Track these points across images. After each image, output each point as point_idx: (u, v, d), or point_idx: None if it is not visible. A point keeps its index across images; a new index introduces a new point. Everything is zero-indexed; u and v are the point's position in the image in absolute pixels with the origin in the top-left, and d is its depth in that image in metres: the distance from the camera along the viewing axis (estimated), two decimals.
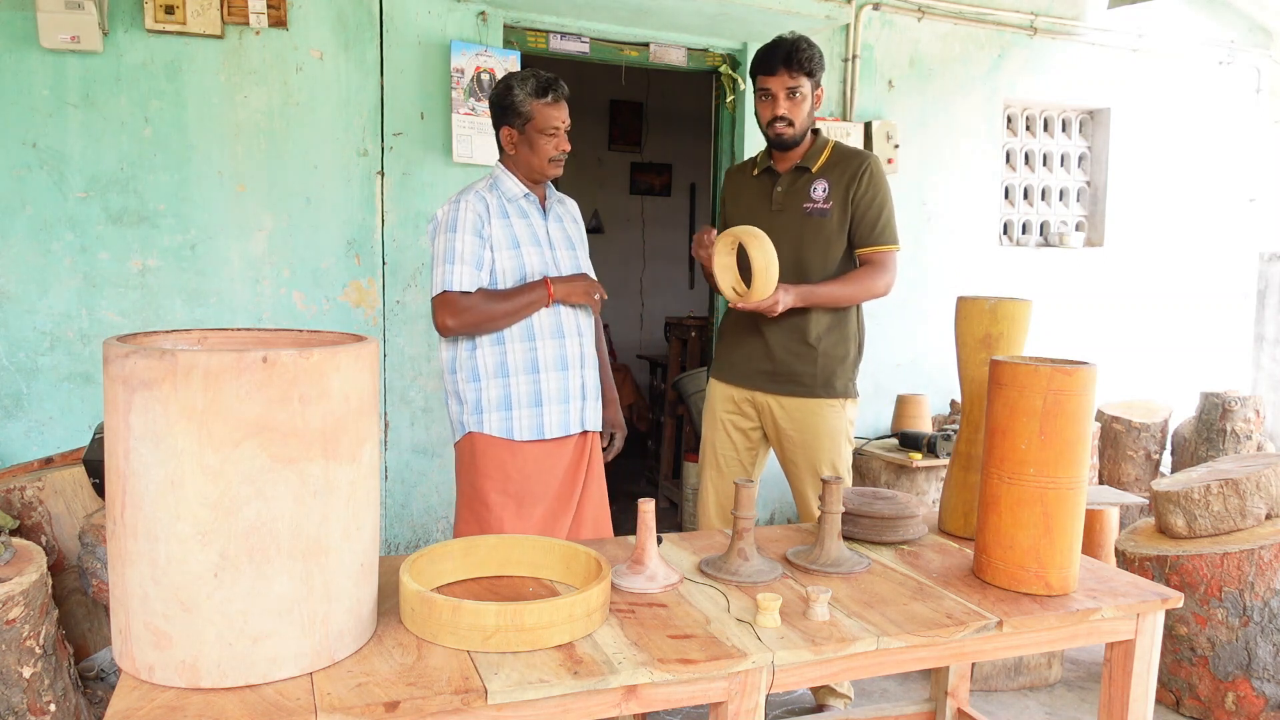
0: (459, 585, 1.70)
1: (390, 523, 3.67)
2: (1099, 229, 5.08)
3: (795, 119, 2.55)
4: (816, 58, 2.53)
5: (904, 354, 4.59)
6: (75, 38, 3.00)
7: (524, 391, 2.35)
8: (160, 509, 1.23)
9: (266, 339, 1.57)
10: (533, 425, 2.35)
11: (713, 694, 1.46)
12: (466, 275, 2.26)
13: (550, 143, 2.34)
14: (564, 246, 2.45)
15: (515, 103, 2.31)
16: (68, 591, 2.70)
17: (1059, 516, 1.74)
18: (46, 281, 3.17)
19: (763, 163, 2.72)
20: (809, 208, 2.59)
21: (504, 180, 2.39)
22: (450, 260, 2.26)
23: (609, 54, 3.97)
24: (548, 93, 2.31)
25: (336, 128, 3.47)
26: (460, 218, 2.28)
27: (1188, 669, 2.83)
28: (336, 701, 1.26)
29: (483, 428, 2.34)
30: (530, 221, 2.39)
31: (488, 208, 2.32)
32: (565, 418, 2.40)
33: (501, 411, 2.34)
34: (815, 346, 2.59)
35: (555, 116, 2.33)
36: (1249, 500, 2.84)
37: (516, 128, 2.34)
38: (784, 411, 2.64)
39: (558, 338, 2.38)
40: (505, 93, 2.33)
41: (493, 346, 2.34)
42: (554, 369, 2.37)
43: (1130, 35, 4.91)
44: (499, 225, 2.32)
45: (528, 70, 2.36)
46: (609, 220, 7.35)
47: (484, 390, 2.34)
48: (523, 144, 2.35)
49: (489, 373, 2.34)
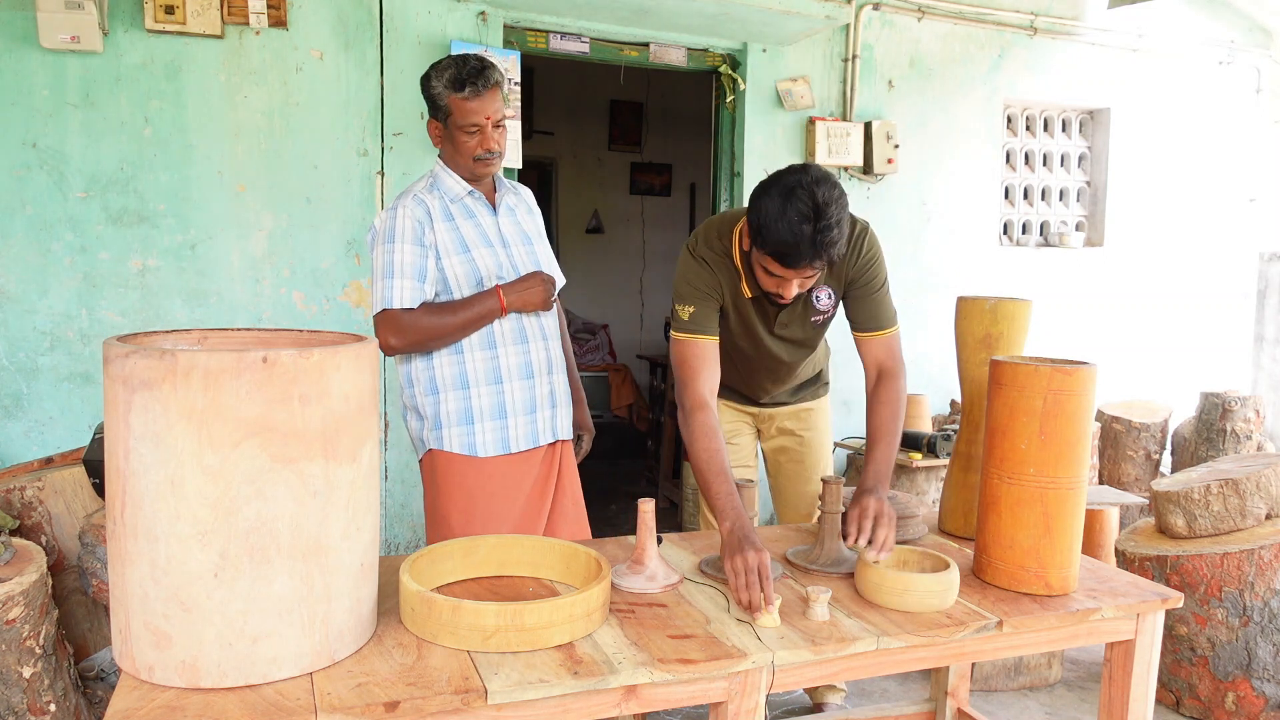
0: (459, 585, 1.70)
1: (390, 523, 3.67)
2: (1099, 229, 5.08)
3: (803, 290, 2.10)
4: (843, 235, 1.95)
5: (904, 354, 4.58)
6: (75, 38, 3.00)
7: (487, 404, 2.17)
8: (160, 509, 1.23)
9: (266, 339, 1.57)
10: (497, 440, 2.18)
11: (713, 694, 1.46)
12: (408, 290, 2.07)
13: (472, 140, 2.11)
14: (519, 243, 2.25)
15: (432, 94, 2.11)
16: (68, 591, 2.70)
17: (1059, 516, 1.74)
18: (46, 281, 3.17)
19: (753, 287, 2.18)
20: (817, 320, 2.31)
21: (444, 179, 2.18)
22: (389, 274, 2.07)
23: (609, 54, 3.97)
24: (465, 85, 2.06)
25: (336, 128, 3.47)
26: (398, 227, 2.09)
27: (1188, 669, 2.83)
28: (336, 701, 1.26)
29: (443, 444, 2.17)
30: (478, 221, 2.19)
31: (428, 212, 2.12)
32: (532, 429, 2.23)
33: (463, 426, 2.17)
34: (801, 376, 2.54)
35: (476, 110, 2.08)
36: (1249, 500, 2.84)
37: (440, 121, 2.14)
38: (793, 415, 2.62)
39: (521, 343, 2.21)
40: (424, 83, 2.12)
41: (451, 356, 2.16)
42: (519, 377, 2.20)
43: (1130, 35, 4.92)
44: (444, 229, 2.12)
45: (451, 57, 2.12)
46: (609, 220, 7.35)
47: (443, 404, 2.17)
48: (446, 140, 2.15)
49: (448, 385, 2.17)
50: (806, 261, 1.94)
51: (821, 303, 2.25)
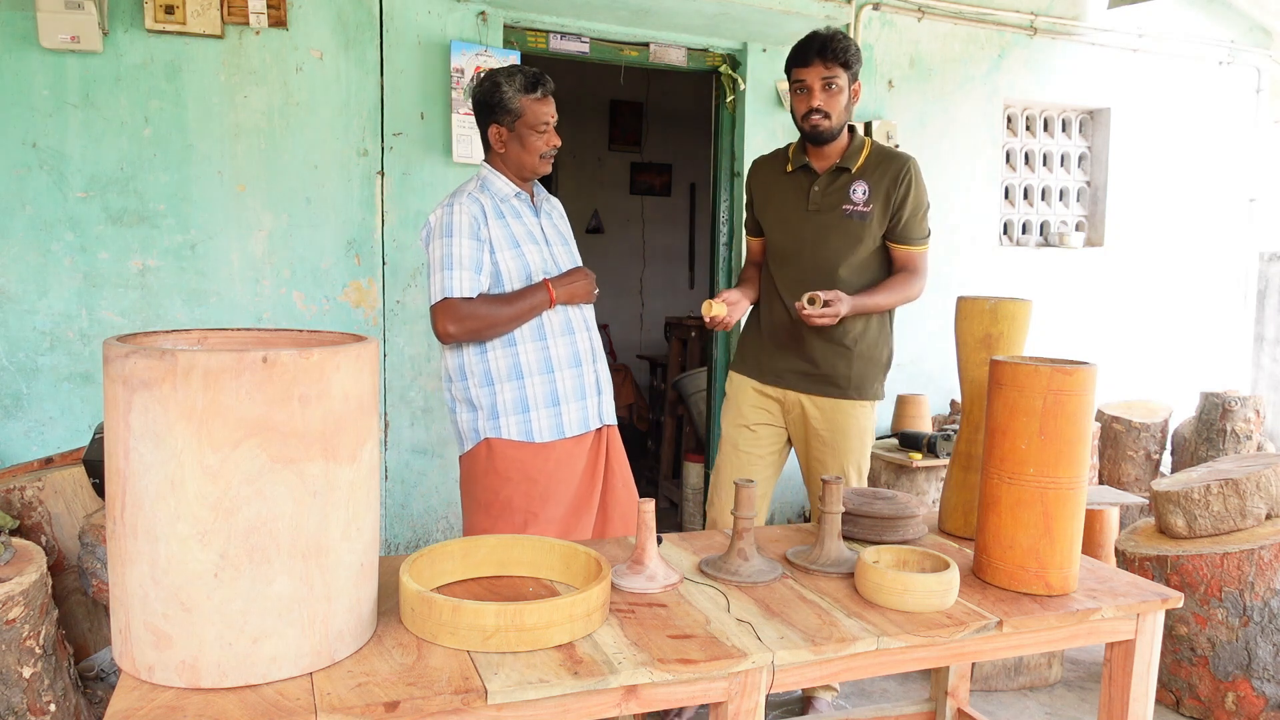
0: (459, 585, 1.70)
1: (390, 523, 3.67)
2: (1099, 229, 5.08)
3: (832, 111, 2.45)
4: (853, 50, 2.44)
5: (904, 354, 4.58)
6: (75, 38, 3.00)
7: (540, 392, 2.32)
8: (160, 509, 1.23)
9: (266, 339, 1.57)
10: (552, 425, 2.33)
11: (713, 694, 1.46)
12: (466, 280, 2.22)
13: (541, 139, 2.31)
14: (559, 243, 2.43)
15: (504, 99, 2.28)
16: (68, 591, 2.70)
17: (1059, 516, 1.74)
18: (46, 281, 3.17)
19: (797, 160, 2.61)
20: (848, 210, 2.54)
21: (493, 180, 2.35)
22: (449, 266, 2.22)
23: (609, 54, 3.97)
24: (537, 88, 2.27)
25: (336, 128, 3.47)
26: (456, 221, 2.24)
27: (1188, 669, 2.83)
28: (336, 701, 1.25)
29: (501, 433, 2.30)
30: (524, 220, 2.36)
31: (483, 209, 2.28)
32: (584, 414, 2.38)
33: (519, 414, 2.30)
34: (852, 349, 2.59)
35: (545, 112, 2.29)
36: (1249, 500, 2.84)
37: (506, 125, 2.30)
38: (817, 411, 2.62)
39: (568, 334, 2.36)
40: (493, 90, 2.28)
41: (505, 349, 2.30)
42: (568, 366, 2.35)
43: (1130, 35, 4.92)
44: (496, 226, 2.29)
45: (512, 66, 2.32)
46: (609, 220, 7.34)
47: (499, 394, 2.30)
48: (513, 141, 2.31)
49: (503, 376, 2.30)
50: (817, 56, 2.40)
51: (856, 195, 2.53)
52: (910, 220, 2.54)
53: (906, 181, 2.51)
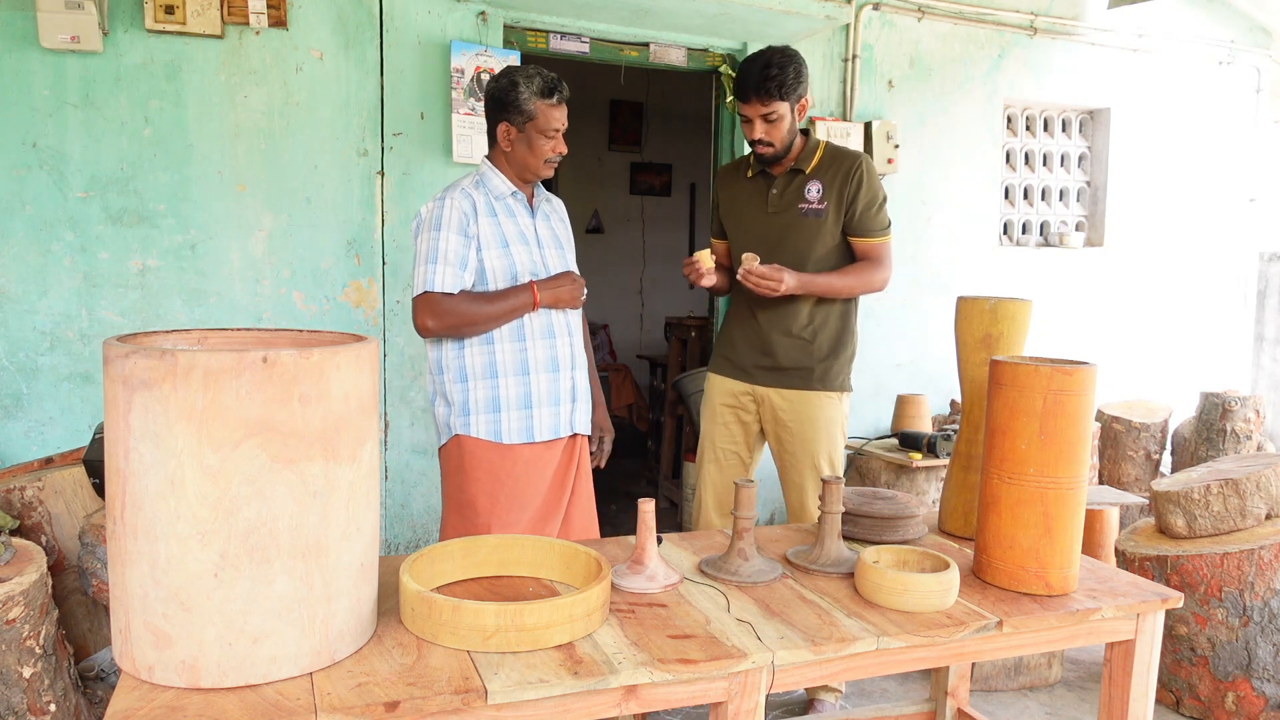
0: (459, 585, 1.70)
1: (390, 523, 3.67)
2: (1099, 229, 5.08)
3: (775, 140, 2.58)
4: (789, 79, 2.49)
5: (904, 354, 4.59)
6: (75, 38, 3.00)
7: (513, 393, 2.29)
8: (160, 509, 1.23)
9: (266, 339, 1.57)
10: (522, 428, 2.30)
11: (713, 694, 1.46)
12: (449, 276, 2.20)
13: (549, 144, 2.30)
14: (552, 246, 2.40)
15: (519, 100, 2.26)
16: (68, 591, 2.70)
17: (1059, 516, 1.74)
18: (46, 281, 3.17)
19: (756, 165, 2.73)
20: (804, 209, 2.64)
21: (491, 178, 2.34)
22: (433, 260, 2.20)
23: (609, 54, 3.97)
24: (553, 94, 2.27)
25: (336, 128, 3.47)
26: (445, 215, 2.23)
27: (1188, 669, 2.83)
28: (336, 701, 1.26)
29: (470, 430, 2.28)
30: (518, 220, 2.34)
31: (474, 205, 2.26)
32: (555, 420, 2.35)
33: (489, 414, 2.28)
34: (809, 340, 2.67)
35: (557, 118, 2.29)
36: (1249, 500, 2.84)
37: (516, 125, 2.29)
38: (785, 403, 2.69)
39: (548, 338, 2.34)
40: (510, 89, 2.27)
41: (481, 346, 2.28)
42: (544, 370, 2.32)
43: (1130, 35, 4.92)
44: (487, 223, 2.27)
45: (531, 67, 2.31)
46: (609, 220, 7.35)
47: (471, 391, 2.29)
48: (520, 142, 2.30)
49: (477, 374, 2.28)
50: (752, 94, 2.50)
51: (811, 194, 2.64)
52: (865, 214, 2.63)
53: (858, 177, 2.61)
